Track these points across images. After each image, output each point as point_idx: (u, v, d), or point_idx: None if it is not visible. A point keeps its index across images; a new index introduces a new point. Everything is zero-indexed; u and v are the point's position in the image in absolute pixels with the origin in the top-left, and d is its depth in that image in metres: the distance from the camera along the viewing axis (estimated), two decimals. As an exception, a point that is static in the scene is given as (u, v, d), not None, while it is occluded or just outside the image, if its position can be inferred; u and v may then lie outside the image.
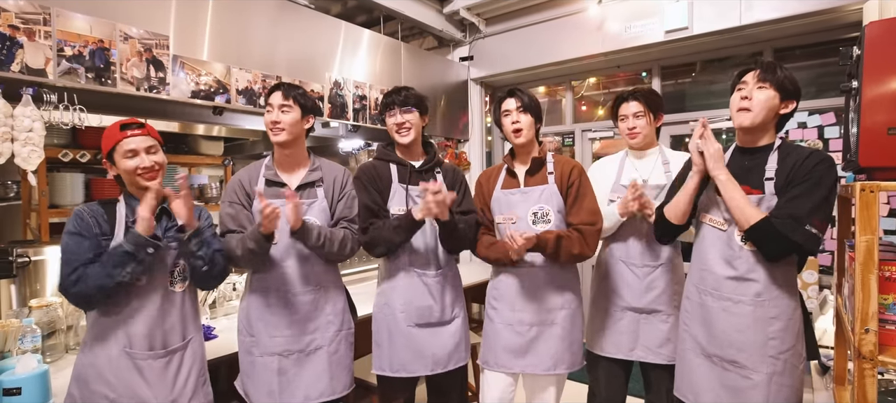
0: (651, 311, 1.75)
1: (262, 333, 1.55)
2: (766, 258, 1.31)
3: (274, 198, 1.55)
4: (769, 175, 1.32)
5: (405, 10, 3.36)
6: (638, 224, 1.77)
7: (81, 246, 1.25)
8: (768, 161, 1.34)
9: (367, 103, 3.01)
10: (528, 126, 1.68)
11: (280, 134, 1.55)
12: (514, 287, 1.68)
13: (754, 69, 1.37)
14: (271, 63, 2.51)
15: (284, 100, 1.55)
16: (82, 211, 1.30)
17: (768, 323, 1.32)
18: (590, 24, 3.30)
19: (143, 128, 1.34)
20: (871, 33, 1.07)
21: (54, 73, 1.78)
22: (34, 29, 1.74)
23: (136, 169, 1.31)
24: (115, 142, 1.31)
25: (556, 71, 3.75)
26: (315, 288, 1.59)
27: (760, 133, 1.39)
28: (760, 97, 1.33)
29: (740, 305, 1.35)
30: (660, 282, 1.74)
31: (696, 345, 1.46)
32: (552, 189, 1.67)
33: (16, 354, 1.60)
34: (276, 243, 1.55)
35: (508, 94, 1.72)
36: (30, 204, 2.47)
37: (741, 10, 2.75)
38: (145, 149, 1.32)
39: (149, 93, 2.03)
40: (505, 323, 1.69)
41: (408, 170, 1.74)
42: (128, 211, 1.34)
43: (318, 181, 1.64)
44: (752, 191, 1.34)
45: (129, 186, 1.35)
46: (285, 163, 1.63)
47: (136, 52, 1.99)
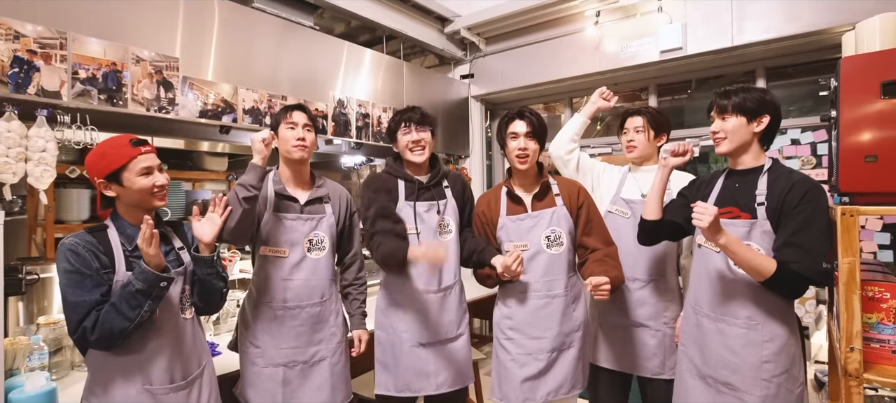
0: (639, 325, 1.79)
1: (268, 345, 1.58)
2: (787, 298, 1.33)
3: (286, 211, 1.62)
4: (760, 200, 1.35)
5: (407, 30, 3.44)
6: (630, 234, 1.81)
7: (84, 286, 1.15)
8: (758, 185, 1.37)
9: (370, 121, 3.08)
10: (534, 153, 1.66)
11: (303, 151, 1.62)
12: (531, 316, 1.65)
13: (713, 105, 1.43)
14: (276, 83, 2.57)
15: (308, 121, 1.65)
16: (75, 246, 1.17)
17: (762, 346, 1.32)
18: (587, 43, 3.37)
19: (150, 145, 1.29)
20: (846, 68, 1.13)
21: (68, 95, 1.84)
22: (51, 53, 1.80)
23: (153, 187, 1.25)
24: (128, 158, 1.22)
25: (554, 89, 3.82)
26: (320, 300, 1.63)
27: (743, 154, 1.43)
28: (727, 126, 1.40)
29: (734, 327, 1.37)
30: (650, 298, 1.78)
31: (691, 366, 1.49)
32: (562, 211, 1.67)
33: (24, 371, 1.63)
34: (287, 256, 1.59)
35: (517, 116, 1.67)
36: (36, 219, 2.51)
37: (733, 31, 2.83)
38: (157, 166, 1.28)
39: (158, 114, 2.09)
40: (524, 352, 1.64)
41: (415, 186, 1.73)
42: (123, 239, 1.23)
43: (326, 197, 1.70)
44: (741, 215, 1.38)
45: (138, 205, 1.26)
46: (295, 178, 1.68)
47: (147, 74, 2.05)
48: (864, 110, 1.11)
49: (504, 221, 1.70)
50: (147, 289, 1.16)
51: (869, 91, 1.10)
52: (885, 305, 1.11)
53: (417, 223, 1.69)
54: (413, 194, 1.72)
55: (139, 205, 1.26)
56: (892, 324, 1.11)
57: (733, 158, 1.46)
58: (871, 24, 1.22)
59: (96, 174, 1.23)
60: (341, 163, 4.01)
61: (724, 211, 1.43)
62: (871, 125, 1.11)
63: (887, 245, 2.59)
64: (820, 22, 2.60)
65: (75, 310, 1.15)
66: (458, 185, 1.82)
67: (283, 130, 1.62)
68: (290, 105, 1.68)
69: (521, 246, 1.65)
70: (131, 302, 1.15)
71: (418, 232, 1.68)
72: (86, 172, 1.26)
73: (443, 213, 1.72)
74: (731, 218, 1.40)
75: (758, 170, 1.41)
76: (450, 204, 1.75)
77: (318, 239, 1.65)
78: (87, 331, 1.14)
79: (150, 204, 1.27)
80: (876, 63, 1.12)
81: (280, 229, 1.60)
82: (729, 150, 1.43)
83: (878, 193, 1.10)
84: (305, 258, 1.61)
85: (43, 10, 1.79)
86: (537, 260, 1.65)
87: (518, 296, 1.67)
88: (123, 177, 1.22)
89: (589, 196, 1.73)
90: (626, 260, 1.80)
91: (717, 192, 1.48)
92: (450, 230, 1.74)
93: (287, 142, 1.61)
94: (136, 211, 1.27)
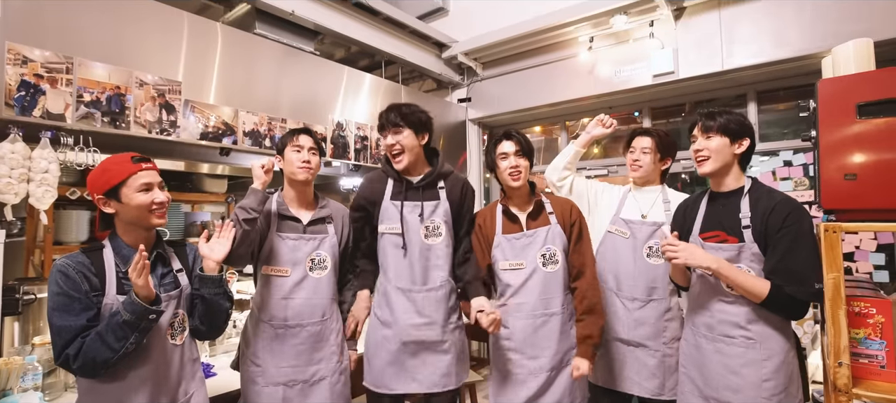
0: (638, 344, 1.78)
1: (269, 363, 1.57)
2: (788, 319, 1.34)
3: (290, 231, 1.64)
4: (745, 223, 1.37)
5: (406, 56, 3.53)
6: (630, 254, 1.82)
7: (71, 310, 1.12)
8: (741, 208, 1.39)
9: (368, 143, 3.13)
10: (525, 170, 1.68)
11: (308, 173, 1.65)
12: (530, 335, 1.64)
13: (698, 122, 1.47)
14: (276, 106, 2.63)
15: (313, 145, 1.68)
16: (66, 267, 1.14)
17: (761, 365, 1.33)
18: (581, 68, 3.45)
19: (151, 163, 1.28)
20: (824, 90, 1.17)
21: (72, 118, 1.89)
22: (57, 77, 1.85)
23: (152, 204, 1.23)
24: (127, 174, 1.21)
25: (550, 112, 3.89)
26: (321, 319, 1.64)
27: (724, 176, 1.46)
28: (711, 146, 1.43)
29: (732, 347, 1.37)
30: (650, 317, 1.77)
31: (693, 388, 1.49)
32: (556, 229, 1.68)
33: (17, 392, 1.63)
34: (288, 275, 1.61)
35: (505, 137, 1.71)
36: (35, 240, 2.53)
37: (723, 56, 2.91)
38: (158, 184, 1.27)
39: (160, 136, 2.13)
40: (524, 372, 1.63)
41: (403, 185, 1.71)
42: (117, 259, 1.20)
43: (329, 217, 1.73)
44: (728, 239, 1.40)
45: (137, 223, 1.24)
46: (298, 199, 1.71)
47: (150, 97, 2.11)
48: (842, 130, 1.15)
49: (499, 240, 1.70)
50: (135, 321, 1.13)
51: (846, 112, 1.14)
52: (872, 320, 1.12)
53: (402, 223, 1.67)
54: (401, 194, 1.70)
55: (137, 223, 1.24)
56: (879, 339, 1.12)
57: (716, 179, 1.49)
58: (845, 49, 1.27)
59: (96, 190, 1.22)
60: (340, 185, 4.05)
61: (711, 235, 1.45)
62: (849, 144, 1.14)
63: (882, 265, 2.60)
64: (807, 47, 2.67)
65: (60, 335, 1.12)
66: (457, 189, 1.75)
67: (288, 153, 1.66)
68: (296, 129, 1.72)
69: (516, 264, 1.66)
70: (118, 332, 1.12)
71: (402, 233, 1.66)
72: (87, 191, 1.26)
73: (428, 215, 1.68)
74: (719, 242, 1.42)
75: (739, 191, 1.43)
76: (441, 207, 1.70)
77: (321, 258, 1.66)
78: (70, 359, 1.11)
79: (147, 223, 1.25)
80: (852, 85, 1.16)
81: (282, 248, 1.62)
82: (712, 170, 1.45)
83: (859, 210, 1.13)
84: (307, 277, 1.63)
85: (53, 34, 1.85)
86: (533, 279, 1.65)
87: (515, 316, 1.65)
88: (122, 192, 1.21)
89: (581, 213, 1.75)
90: (624, 280, 1.81)
91: (702, 216, 1.50)
92: (439, 233, 1.69)
93: (292, 163, 1.65)
94: (135, 230, 1.25)
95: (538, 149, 4.45)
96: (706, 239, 1.46)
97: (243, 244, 1.50)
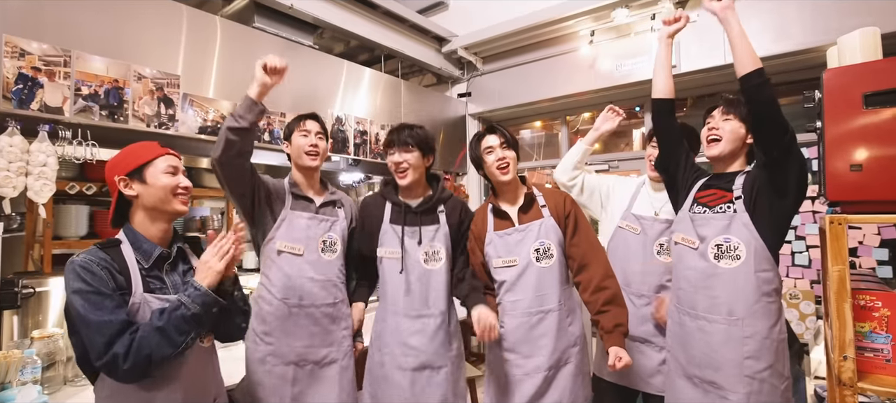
0: (644, 341, 1.77)
1: (282, 342, 1.55)
2: (754, 120, 1.32)
3: (303, 210, 1.64)
4: (737, 194, 1.38)
5: (405, 50, 3.51)
6: (640, 249, 1.80)
7: (106, 307, 1.03)
8: (735, 181, 1.41)
9: (368, 138, 3.11)
10: (513, 161, 1.64)
11: (316, 158, 1.65)
12: (526, 333, 1.59)
13: (719, 105, 1.47)
14: (276, 100, 2.61)
15: (320, 130, 1.68)
16: (89, 263, 1.05)
17: (742, 342, 1.32)
18: (582, 62, 3.43)
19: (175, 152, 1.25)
20: (829, 80, 1.16)
21: (70, 111, 1.88)
22: (55, 70, 1.84)
23: (177, 186, 1.18)
24: (155, 155, 1.17)
25: (550, 106, 3.87)
26: (333, 302, 1.63)
27: (730, 161, 1.46)
28: (726, 128, 1.44)
29: (714, 324, 1.37)
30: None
31: (678, 366, 1.49)
32: (549, 222, 1.62)
33: (16, 385, 1.62)
34: (302, 254, 1.60)
35: (488, 131, 1.67)
36: (34, 235, 2.52)
37: (725, 49, 2.88)
38: (182, 170, 1.23)
39: (158, 130, 2.12)
40: (521, 372, 1.58)
41: (401, 210, 1.69)
42: (138, 255, 1.13)
43: (339, 202, 1.74)
44: (725, 194, 1.42)
45: (159, 207, 1.17)
46: (308, 185, 1.70)
47: (148, 91, 2.09)
48: (848, 121, 1.14)
49: (491, 236, 1.66)
50: (202, 314, 1.08)
51: (852, 102, 1.12)
52: (878, 314, 1.11)
53: (402, 247, 1.65)
54: (400, 219, 1.68)
55: (161, 207, 1.17)
56: (884, 333, 1.11)
57: (720, 163, 1.49)
58: (852, 38, 1.25)
59: (119, 170, 1.15)
60: (340, 180, 4.04)
61: (708, 193, 1.47)
62: (855, 135, 1.13)
63: (886, 260, 2.59)
64: (809, 40, 2.65)
65: (100, 332, 1.01)
66: (457, 213, 1.73)
67: (296, 137, 1.66)
68: (304, 114, 1.71)
69: (509, 261, 1.62)
70: (181, 326, 1.06)
71: (402, 258, 1.64)
72: (105, 177, 1.19)
73: (427, 240, 1.66)
74: (714, 200, 1.44)
75: (740, 172, 1.45)
76: (441, 231, 1.68)
77: (332, 240, 1.66)
78: (119, 358, 1.00)
79: (172, 207, 1.19)
80: (858, 75, 1.14)
81: (297, 225, 1.62)
82: (721, 153, 1.45)
83: (864, 201, 1.11)
84: (319, 258, 1.62)
85: (50, 28, 1.84)
86: (527, 275, 1.60)
87: (510, 314, 1.61)
88: (148, 172, 1.16)
89: (576, 204, 1.68)
90: (633, 277, 1.80)
91: (701, 183, 1.53)
92: (439, 258, 1.66)
93: (300, 148, 1.64)
94: (157, 217, 1.18)
95: (538, 145, 4.44)
96: (701, 198, 1.48)
97: (230, 150, 1.43)
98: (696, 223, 1.46)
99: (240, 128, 1.43)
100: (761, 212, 1.35)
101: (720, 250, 1.39)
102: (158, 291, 1.14)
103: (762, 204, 1.34)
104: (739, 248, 1.36)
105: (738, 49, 1.30)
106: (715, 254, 1.39)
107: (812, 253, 2.78)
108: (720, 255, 1.39)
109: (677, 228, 1.52)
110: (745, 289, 1.34)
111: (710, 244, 1.41)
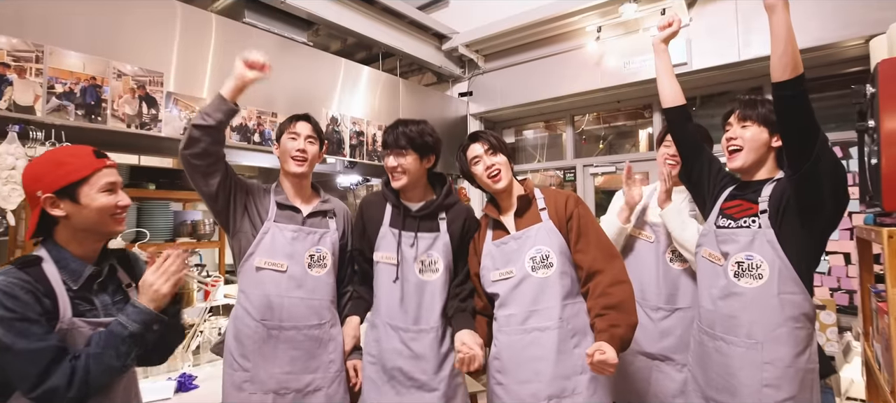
0: (664, 359, 1.64)
1: (260, 368, 1.42)
2: (783, 133, 1.19)
3: (288, 222, 1.51)
4: (763, 207, 1.25)
5: (404, 47, 3.38)
6: (653, 259, 1.67)
7: (34, 334, 0.93)
8: (762, 192, 1.28)
9: (364, 139, 2.98)
10: (504, 166, 1.47)
11: (303, 165, 1.51)
12: (518, 354, 1.39)
13: (735, 110, 1.35)
14: (271, 100, 2.49)
15: (311, 133, 1.54)
16: (11, 287, 0.93)
17: (761, 368, 1.21)
18: (589, 59, 3.30)
19: (112, 160, 1.10)
20: (886, 71, 1.02)
21: (43, 110, 1.75)
22: (25, 66, 1.71)
23: (116, 206, 1.05)
24: (91, 170, 1.03)
25: (555, 106, 3.74)
26: (319, 323, 1.49)
27: (756, 169, 1.35)
28: (747, 135, 1.32)
29: (732, 346, 1.27)
30: (677, 329, 1.62)
31: (697, 387, 1.39)
32: (548, 226, 1.43)
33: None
34: (285, 271, 1.47)
35: (471, 140, 1.51)
36: (15, 240, 2.41)
37: (740, 45, 2.75)
38: (120, 184, 1.09)
39: (139, 131, 1.99)
40: (515, 399, 1.39)
41: (401, 213, 1.56)
42: (65, 275, 1.01)
43: (331, 212, 1.60)
44: (751, 206, 1.29)
45: (93, 230, 1.05)
46: (295, 191, 1.57)
47: (128, 89, 1.96)
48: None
49: (488, 248, 1.50)
50: (141, 332, 1.00)
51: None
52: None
53: (398, 253, 1.53)
54: (399, 222, 1.55)
55: (96, 229, 1.05)
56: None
57: (747, 174, 1.37)
58: (904, 25, 1.11)
59: (44, 187, 1.00)
60: (337, 182, 3.91)
61: (733, 204, 1.35)
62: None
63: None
64: (829, 36, 2.52)
65: (33, 362, 0.91)
66: (459, 221, 1.58)
67: (284, 140, 1.53)
68: (296, 115, 1.58)
69: (505, 273, 1.45)
70: (121, 348, 0.98)
71: (398, 264, 1.52)
72: (24, 189, 1.05)
73: (424, 249, 1.54)
74: (739, 211, 1.31)
75: (769, 179, 1.32)
76: (440, 240, 1.55)
77: (321, 254, 1.52)
78: (59, 390, 0.92)
79: (108, 229, 1.06)
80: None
81: (279, 239, 1.49)
82: (744, 164, 1.33)
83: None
84: (306, 274, 1.49)
85: (21, 20, 1.71)
86: (523, 287, 1.41)
87: (504, 331, 1.42)
88: (82, 192, 1.01)
89: (580, 205, 1.47)
90: (648, 287, 1.66)
91: (728, 193, 1.41)
92: (436, 269, 1.53)
93: (286, 152, 1.52)
94: (88, 237, 1.05)
95: (541, 146, 4.30)
96: (727, 209, 1.36)
97: (194, 145, 1.35)
98: (719, 237, 1.34)
99: (205, 126, 1.33)
100: (790, 229, 1.23)
101: (741, 267, 1.28)
102: (88, 314, 1.02)
103: (791, 221, 1.22)
104: (762, 267, 1.25)
105: (782, 49, 1.13)
106: (735, 272, 1.29)
107: (831, 259, 2.64)
108: (740, 273, 1.28)
109: (703, 242, 1.40)
110: (766, 312, 1.23)
111: (730, 260, 1.30)
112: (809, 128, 1.11)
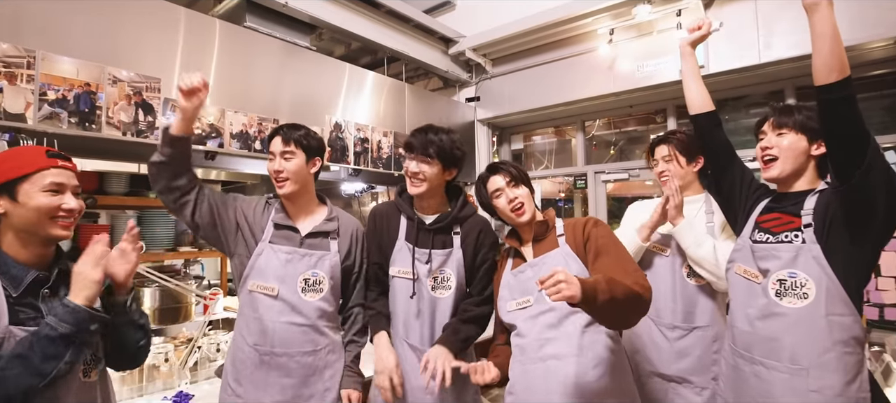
0: (682, 381, 1.54)
1: (251, 394, 1.37)
2: (829, 141, 1.09)
3: (284, 243, 1.42)
4: (807, 221, 1.16)
5: (410, 52, 3.31)
6: (669, 274, 1.57)
7: None
8: (804, 205, 1.19)
9: (369, 146, 2.90)
10: (527, 198, 1.41)
11: (285, 184, 1.42)
12: (532, 384, 1.30)
13: (770, 117, 1.27)
14: (274, 106, 2.42)
15: (285, 147, 1.43)
16: None
17: (807, 396, 1.11)
18: (600, 63, 3.20)
19: (71, 163, 1.06)
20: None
21: (34, 118, 1.68)
22: (16, 72, 1.65)
23: (58, 209, 0.99)
24: (34, 168, 0.98)
25: (565, 111, 3.64)
26: (313, 350, 1.41)
27: (794, 179, 1.25)
28: (783, 144, 1.24)
29: (773, 372, 1.17)
30: (695, 349, 1.53)
31: None
32: (565, 250, 1.36)
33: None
34: (276, 295, 1.39)
35: (490, 172, 1.46)
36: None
37: (760, 47, 2.64)
38: (72, 187, 1.04)
39: (135, 138, 1.92)
40: None
41: (415, 226, 1.50)
42: (5, 281, 0.96)
43: (334, 232, 1.49)
44: (793, 219, 1.19)
45: (33, 232, 0.99)
46: (294, 209, 1.49)
47: (124, 96, 1.89)
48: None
49: (506, 278, 1.44)
50: (74, 333, 0.92)
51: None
52: None
53: (413, 268, 1.48)
54: (413, 236, 1.50)
55: (34, 231, 0.99)
56: None
57: (784, 185, 1.28)
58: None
59: None
60: (342, 190, 3.83)
61: (770, 217, 1.25)
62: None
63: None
64: (854, 37, 2.39)
65: None
66: (473, 236, 1.52)
67: (267, 164, 1.47)
68: (272, 130, 1.49)
69: (523, 302, 1.37)
70: (48, 351, 0.90)
71: (414, 279, 1.47)
72: None
73: (437, 265, 1.48)
74: (778, 225, 1.22)
75: (808, 191, 1.23)
76: (453, 256, 1.49)
77: (316, 278, 1.43)
78: None
79: (47, 232, 1.00)
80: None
81: (272, 262, 1.41)
82: (780, 174, 1.25)
83: None
84: (299, 299, 1.41)
85: (13, 25, 1.65)
86: (539, 316, 1.34)
87: (518, 360, 1.34)
88: (21, 188, 0.97)
89: (599, 226, 1.39)
90: (663, 305, 1.56)
91: (763, 205, 1.31)
92: (448, 286, 1.48)
93: (270, 175, 1.46)
94: (31, 240, 1.00)
95: (550, 151, 4.20)
96: (763, 222, 1.26)
97: (160, 175, 1.32)
98: (757, 254, 1.24)
99: (157, 162, 1.31)
100: (837, 245, 1.13)
101: (783, 286, 1.18)
102: (30, 322, 0.96)
103: (839, 235, 1.13)
104: (807, 285, 1.15)
105: (828, 49, 1.04)
106: (776, 291, 1.19)
107: (860, 271, 2.51)
108: (783, 292, 1.18)
109: (736, 258, 1.30)
110: (812, 334, 1.13)
111: (771, 278, 1.20)
112: (859, 135, 1.02)
